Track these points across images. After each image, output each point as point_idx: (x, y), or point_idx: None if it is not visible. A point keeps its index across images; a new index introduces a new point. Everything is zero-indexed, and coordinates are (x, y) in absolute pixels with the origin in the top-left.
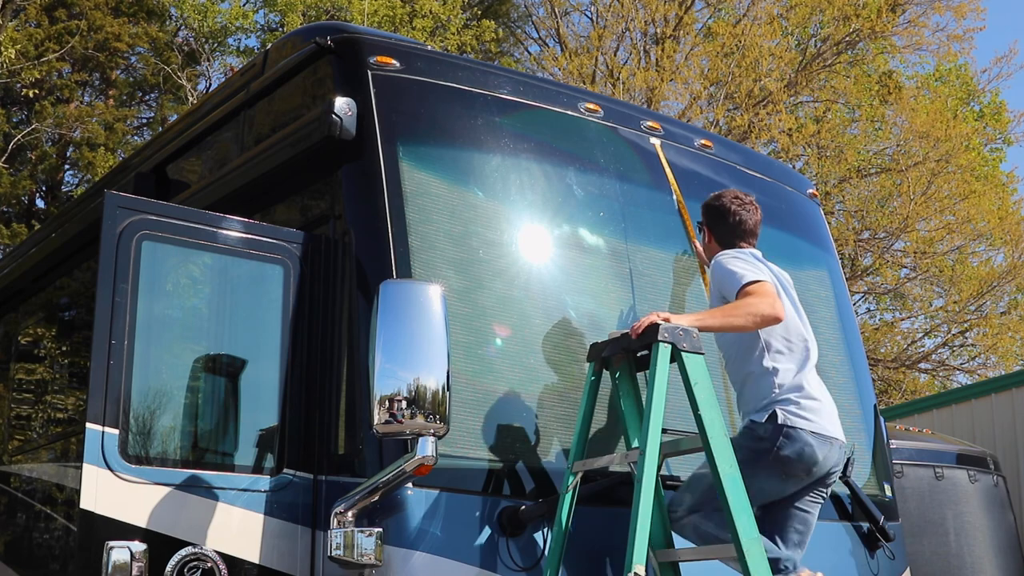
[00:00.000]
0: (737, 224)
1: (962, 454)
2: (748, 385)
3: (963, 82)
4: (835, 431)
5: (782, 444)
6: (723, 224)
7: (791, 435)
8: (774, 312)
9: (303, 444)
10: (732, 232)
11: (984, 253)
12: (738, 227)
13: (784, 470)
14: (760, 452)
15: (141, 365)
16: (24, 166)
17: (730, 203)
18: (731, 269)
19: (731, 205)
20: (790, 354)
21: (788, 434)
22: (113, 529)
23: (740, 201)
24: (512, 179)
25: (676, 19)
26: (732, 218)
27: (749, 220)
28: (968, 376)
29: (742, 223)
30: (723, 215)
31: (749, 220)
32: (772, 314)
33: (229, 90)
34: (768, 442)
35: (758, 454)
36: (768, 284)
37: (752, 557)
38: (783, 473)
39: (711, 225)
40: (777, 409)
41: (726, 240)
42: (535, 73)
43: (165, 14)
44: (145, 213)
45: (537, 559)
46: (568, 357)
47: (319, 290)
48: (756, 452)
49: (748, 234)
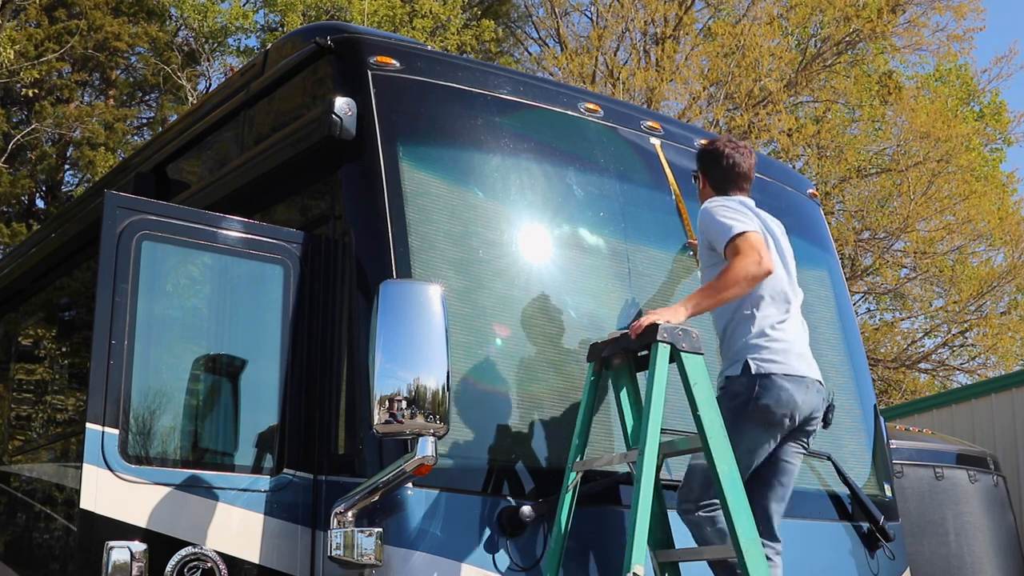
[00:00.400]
0: (731, 168)
1: (962, 454)
2: (728, 331)
3: (963, 82)
4: (809, 371)
5: (759, 393)
6: (717, 168)
7: (765, 383)
8: (762, 269)
9: (303, 444)
10: (726, 176)
11: (984, 253)
12: (731, 171)
13: (766, 420)
14: (739, 407)
15: (141, 365)
16: (24, 166)
17: (724, 147)
18: (720, 219)
19: (725, 149)
20: (772, 301)
21: (763, 383)
22: (113, 529)
23: (734, 145)
24: (512, 179)
25: (676, 19)
26: (726, 161)
27: (743, 164)
28: (968, 376)
29: (736, 166)
30: (717, 159)
31: (743, 164)
32: (761, 272)
33: (229, 90)
34: (745, 395)
35: (737, 410)
36: (756, 235)
37: (752, 557)
38: (766, 423)
39: (705, 170)
40: (749, 359)
41: (720, 185)
42: (535, 73)
43: (165, 14)
44: (145, 213)
45: (537, 559)
46: (568, 357)
47: (319, 290)
48: (735, 409)
49: (742, 178)
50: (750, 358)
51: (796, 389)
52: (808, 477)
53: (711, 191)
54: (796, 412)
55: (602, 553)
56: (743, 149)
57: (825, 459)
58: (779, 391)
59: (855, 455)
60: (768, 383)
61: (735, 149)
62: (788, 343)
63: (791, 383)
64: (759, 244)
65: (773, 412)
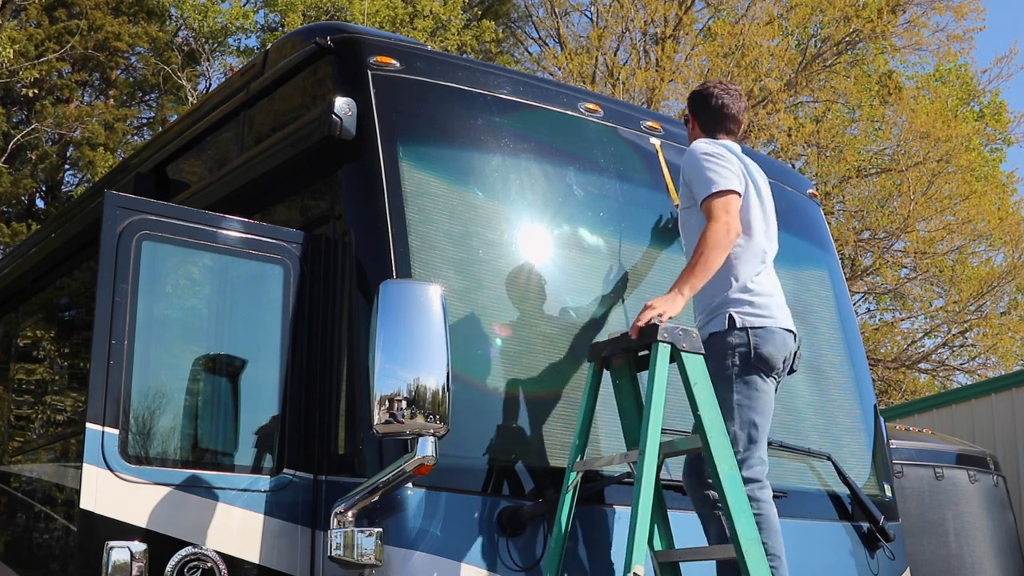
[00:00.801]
0: (719, 108)
1: (962, 454)
2: (705, 285)
3: (963, 82)
4: (789, 323)
5: (758, 343)
6: (706, 109)
7: (760, 333)
8: (730, 237)
9: (303, 444)
10: (715, 117)
11: (984, 253)
12: (720, 112)
13: (768, 369)
14: (741, 361)
15: (141, 365)
16: (24, 166)
17: (714, 88)
18: (704, 171)
19: (715, 90)
20: (748, 254)
21: (758, 333)
22: (113, 529)
23: (724, 87)
24: (512, 179)
25: (676, 19)
26: (715, 102)
27: (732, 106)
28: (968, 376)
29: (724, 107)
30: (706, 100)
31: (732, 106)
32: (729, 240)
33: (229, 90)
34: (743, 348)
35: (740, 365)
36: (731, 200)
37: (752, 557)
38: (767, 372)
39: (695, 111)
40: (733, 313)
41: (708, 126)
42: (535, 73)
43: (165, 14)
44: (145, 213)
45: (537, 559)
46: (568, 357)
47: (319, 290)
48: (736, 365)
49: (730, 120)
50: (734, 312)
51: (786, 338)
52: (808, 477)
53: (700, 132)
54: (785, 362)
55: (602, 553)
56: (733, 92)
57: (825, 459)
58: (774, 338)
59: (855, 455)
60: (763, 333)
61: (725, 91)
62: (768, 296)
63: (779, 333)
64: (732, 208)
65: (775, 359)
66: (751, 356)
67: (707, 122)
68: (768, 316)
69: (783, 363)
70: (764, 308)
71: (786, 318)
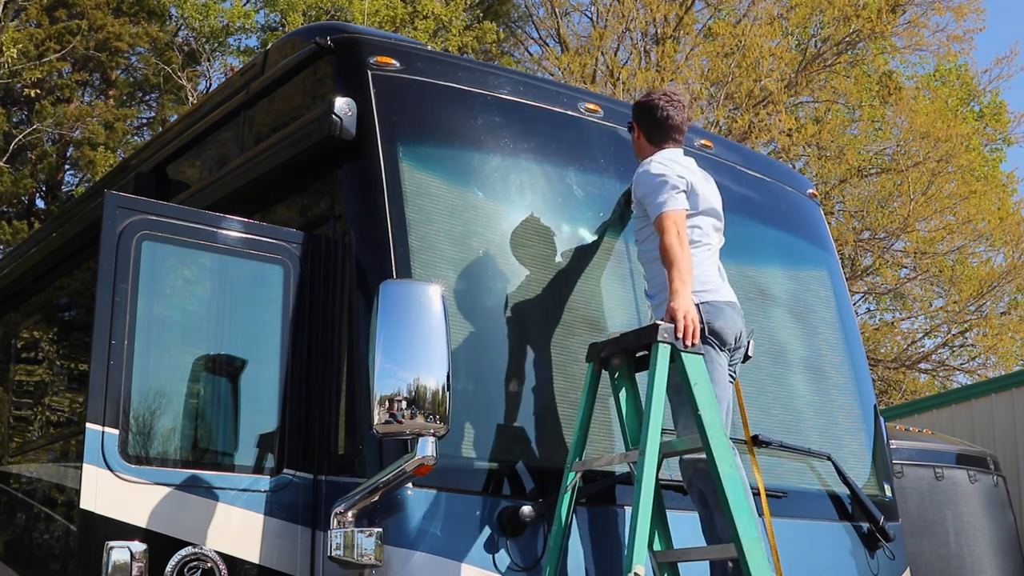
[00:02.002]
0: (665, 120)
1: (962, 454)
2: (653, 264)
3: (963, 82)
4: (734, 298)
5: (709, 319)
6: (652, 120)
7: (710, 308)
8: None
9: (303, 444)
10: (659, 128)
11: (984, 253)
12: (665, 122)
13: (722, 342)
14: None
15: (141, 365)
16: (24, 165)
17: (659, 99)
18: (654, 191)
19: (660, 102)
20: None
21: (708, 308)
22: (113, 529)
23: (668, 98)
24: (512, 179)
25: (676, 19)
26: (660, 113)
27: (676, 117)
28: (968, 376)
29: (669, 118)
30: (651, 111)
31: (676, 117)
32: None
33: (229, 90)
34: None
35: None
36: (677, 215)
37: (753, 557)
38: (721, 345)
39: (640, 121)
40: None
41: (654, 136)
42: (535, 73)
43: (165, 14)
44: (145, 213)
45: (537, 559)
46: (568, 357)
47: (319, 290)
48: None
49: (675, 130)
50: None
51: (733, 312)
52: (808, 477)
53: (645, 142)
54: (739, 336)
55: (602, 553)
56: (677, 103)
57: (825, 459)
58: (723, 312)
59: (855, 455)
60: (712, 307)
61: (669, 102)
62: (714, 276)
63: (728, 308)
64: (680, 221)
65: (727, 333)
66: (704, 330)
67: (652, 132)
68: (715, 292)
69: (735, 340)
70: (711, 284)
71: (731, 295)
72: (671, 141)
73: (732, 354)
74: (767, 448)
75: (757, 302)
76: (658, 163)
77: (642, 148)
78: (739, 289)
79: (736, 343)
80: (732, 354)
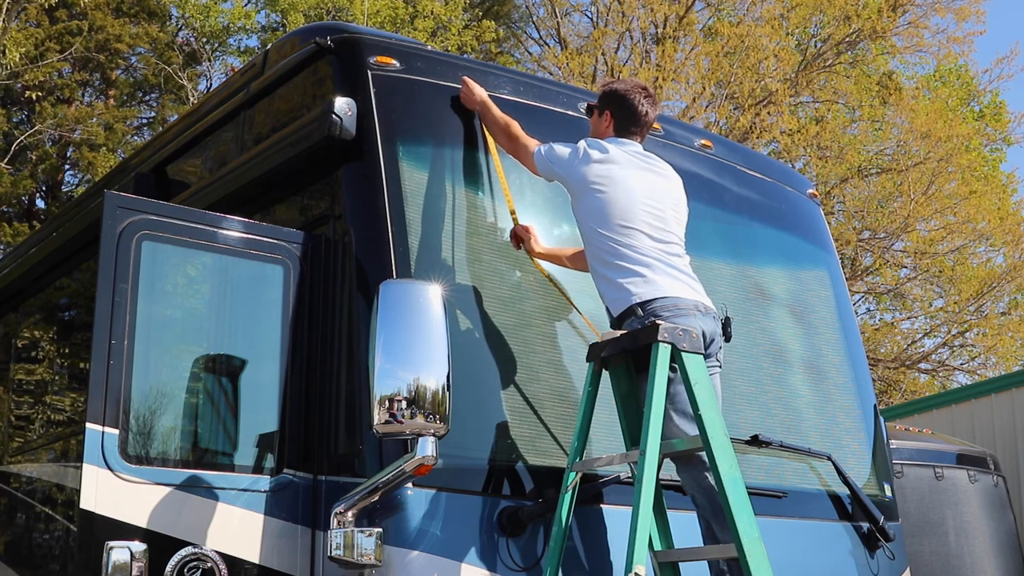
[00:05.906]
0: (642, 116)
1: (962, 454)
2: (593, 274)
3: (963, 83)
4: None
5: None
6: (627, 113)
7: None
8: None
9: (303, 444)
10: (632, 121)
11: (984, 253)
12: (641, 118)
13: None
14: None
15: (141, 365)
16: (25, 166)
17: (638, 94)
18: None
19: (639, 96)
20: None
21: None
22: (113, 529)
23: (646, 93)
24: (512, 179)
25: (677, 19)
26: (639, 108)
27: (651, 114)
28: (968, 376)
29: (645, 115)
30: (630, 104)
31: (651, 114)
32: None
33: (229, 90)
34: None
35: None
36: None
37: (753, 557)
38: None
39: (614, 109)
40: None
41: (623, 126)
42: (536, 73)
43: (166, 14)
44: (145, 213)
45: (537, 559)
46: (568, 357)
47: (319, 290)
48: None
49: (645, 126)
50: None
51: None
52: (808, 477)
53: (610, 130)
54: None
55: (602, 553)
56: (653, 99)
57: (825, 459)
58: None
59: (855, 455)
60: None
61: (647, 97)
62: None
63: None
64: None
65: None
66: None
67: (623, 122)
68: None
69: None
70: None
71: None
72: (636, 136)
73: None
74: (767, 448)
75: (757, 302)
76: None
77: (602, 134)
78: (739, 289)
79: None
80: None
